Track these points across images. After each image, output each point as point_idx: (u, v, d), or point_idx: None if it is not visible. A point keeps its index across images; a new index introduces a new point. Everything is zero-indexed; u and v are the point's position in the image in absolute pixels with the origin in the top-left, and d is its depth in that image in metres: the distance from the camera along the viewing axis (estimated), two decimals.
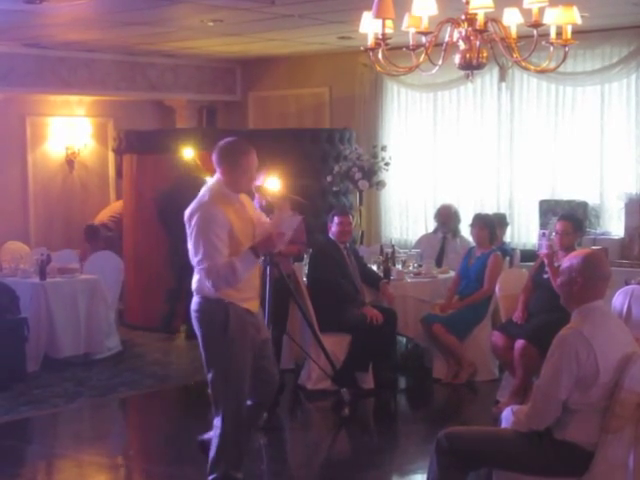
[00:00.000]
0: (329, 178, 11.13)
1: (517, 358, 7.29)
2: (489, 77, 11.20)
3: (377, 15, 5.39)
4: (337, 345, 8.19)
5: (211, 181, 5.46)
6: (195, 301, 5.39)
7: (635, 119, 10.34)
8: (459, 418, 7.79)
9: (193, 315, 5.42)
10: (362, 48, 5.83)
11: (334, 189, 11.28)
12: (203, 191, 5.37)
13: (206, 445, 5.67)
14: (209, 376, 5.43)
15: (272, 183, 7.67)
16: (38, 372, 8.91)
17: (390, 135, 12.22)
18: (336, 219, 8.47)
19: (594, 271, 4.32)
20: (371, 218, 12.25)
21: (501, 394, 7.68)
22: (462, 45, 5.60)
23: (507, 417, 4.64)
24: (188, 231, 5.26)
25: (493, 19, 5.53)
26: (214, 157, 5.43)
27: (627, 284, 7.31)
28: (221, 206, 5.23)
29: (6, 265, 9.79)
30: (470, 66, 5.65)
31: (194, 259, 5.23)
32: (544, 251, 7.43)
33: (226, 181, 5.35)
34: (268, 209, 6.02)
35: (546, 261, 7.39)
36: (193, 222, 5.20)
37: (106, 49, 11.81)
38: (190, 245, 5.25)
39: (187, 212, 5.29)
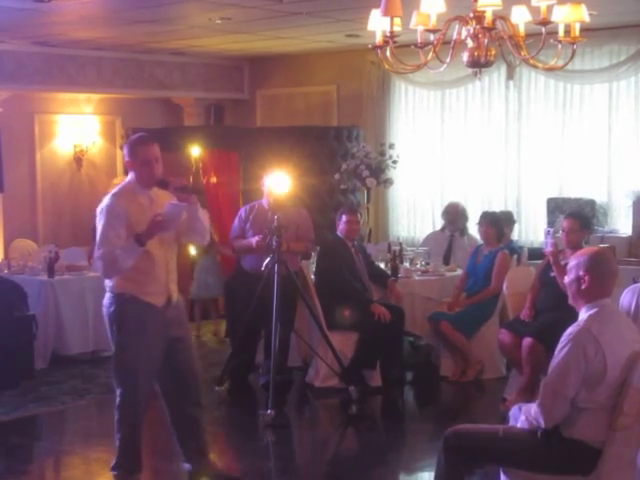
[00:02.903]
0: (337, 176, 11.15)
1: (524, 356, 7.29)
2: (497, 75, 11.19)
3: (385, 13, 5.40)
4: (345, 343, 8.19)
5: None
6: (105, 296, 5.54)
7: None
8: (466, 416, 7.78)
9: (103, 310, 5.57)
10: (370, 46, 5.84)
11: (342, 187, 11.29)
12: (116, 187, 5.60)
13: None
14: (113, 366, 5.61)
15: (278, 181, 7.71)
16: (46, 369, 8.93)
17: (398, 133, 12.22)
18: (344, 217, 8.47)
19: (601, 269, 4.31)
20: (379, 216, 12.25)
21: (508, 392, 7.68)
22: (470, 43, 5.60)
23: (515, 415, 4.64)
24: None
25: (501, 17, 5.54)
26: (124, 153, 5.68)
27: (635, 282, 7.29)
28: (123, 199, 5.40)
29: (14, 262, 9.81)
30: (478, 64, 5.65)
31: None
32: (549, 249, 7.43)
33: (133, 176, 5.55)
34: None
35: (551, 259, 7.39)
36: (97, 213, 5.42)
37: (114, 47, 11.83)
38: None
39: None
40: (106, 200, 5.42)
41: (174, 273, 5.62)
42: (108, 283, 5.48)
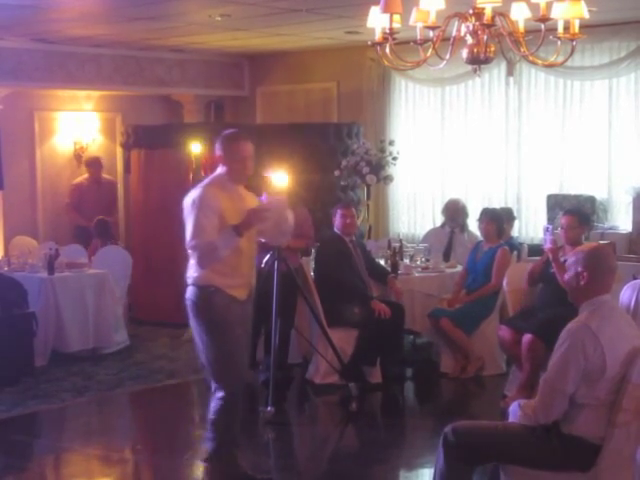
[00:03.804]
0: (337, 173, 11.14)
1: (524, 352, 7.29)
2: (497, 71, 11.18)
3: (385, 10, 5.40)
4: (345, 339, 8.19)
5: (217, 170, 5.65)
6: (188, 290, 5.56)
7: None
8: (466, 412, 7.78)
9: (187, 303, 5.59)
10: (369, 43, 5.84)
11: (342, 183, 11.29)
12: (205, 180, 5.63)
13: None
14: (207, 361, 5.66)
15: (279, 177, 7.70)
16: (46, 367, 8.93)
17: (398, 129, 12.21)
18: (339, 211, 8.48)
19: (600, 265, 4.32)
20: (379, 212, 12.24)
21: (508, 388, 7.69)
22: (470, 39, 5.60)
23: (514, 411, 4.64)
24: (184, 214, 5.46)
25: (501, 13, 5.53)
26: (216, 148, 5.65)
27: (635, 278, 7.29)
28: (216, 191, 5.44)
29: (14, 260, 9.81)
30: (478, 60, 5.64)
31: (186, 241, 5.41)
32: (548, 246, 7.43)
33: (224, 170, 5.56)
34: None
35: (550, 256, 7.39)
36: (187, 204, 5.43)
37: (114, 44, 11.82)
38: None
39: (186, 198, 5.50)
40: (197, 191, 5.44)
41: (254, 268, 5.77)
42: (193, 275, 5.51)
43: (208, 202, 5.37)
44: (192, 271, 5.52)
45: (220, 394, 5.59)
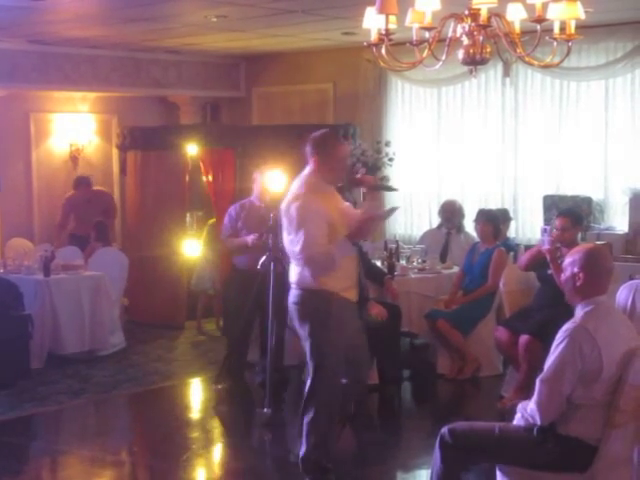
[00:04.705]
0: None
1: (521, 353, 7.29)
2: (493, 72, 11.18)
3: (380, 10, 5.39)
4: None
5: (304, 173, 5.56)
6: (295, 293, 5.51)
7: None
8: (463, 413, 7.77)
9: (293, 307, 5.55)
10: (365, 43, 5.84)
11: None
12: (297, 183, 5.51)
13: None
14: (311, 364, 5.62)
15: (276, 178, 7.69)
16: (42, 369, 8.91)
17: (394, 131, 12.20)
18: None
19: (596, 266, 4.31)
20: None
21: (505, 389, 7.68)
22: (466, 40, 5.60)
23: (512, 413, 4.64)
24: (285, 223, 5.40)
25: (496, 14, 5.53)
26: (308, 148, 5.57)
27: (631, 279, 7.29)
28: (317, 196, 5.37)
29: (10, 262, 9.79)
30: (474, 61, 5.65)
31: (293, 250, 5.35)
32: (546, 247, 7.42)
33: (320, 171, 5.48)
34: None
35: (548, 257, 7.38)
36: (292, 213, 5.33)
37: (110, 46, 11.81)
38: (287, 236, 5.39)
39: (284, 205, 5.44)
40: (299, 200, 5.36)
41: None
42: (300, 280, 5.46)
43: (315, 211, 5.31)
44: (301, 276, 5.45)
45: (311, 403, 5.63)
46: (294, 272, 5.51)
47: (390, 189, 5.85)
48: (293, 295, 5.53)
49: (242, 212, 8.14)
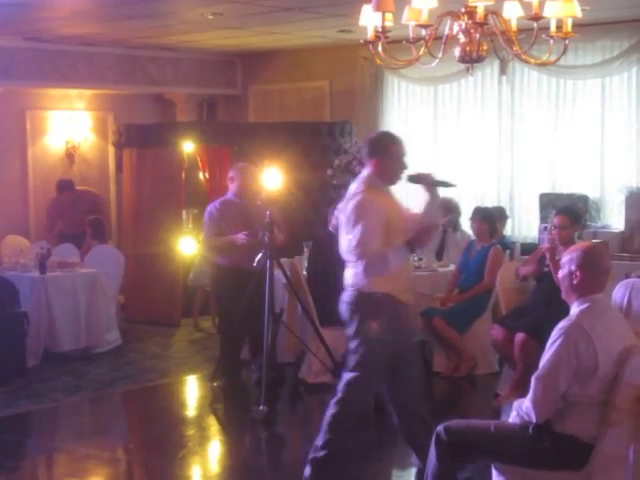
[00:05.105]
0: (329, 172, 11.13)
1: (517, 351, 7.29)
2: (489, 70, 11.17)
3: (377, 8, 5.39)
4: (337, 339, 8.14)
5: (363, 174, 5.57)
6: (349, 293, 5.51)
7: (636, 112, 10.32)
8: (459, 411, 7.77)
9: (345, 306, 5.55)
10: (362, 41, 5.83)
11: (334, 182, 11.27)
12: (356, 184, 5.52)
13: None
14: (351, 363, 5.54)
15: (272, 176, 7.69)
16: (38, 366, 8.91)
17: (390, 128, 12.13)
18: (337, 213, 8.43)
19: (593, 264, 4.31)
20: None
21: (501, 387, 7.68)
22: (462, 38, 5.60)
23: (508, 410, 4.64)
24: (343, 222, 5.42)
25: (493, 12, 5.53)
26: (364, 150, 5.63)
27: (627, 277, 7.30)
28: (375, 196, 5.38)
29: (6, 259, 9.78)
30: (470, 59, 5.65)
31: (349, 246, 5.34)
32: (546, 245, 7.43)
33: (377, 172, 5.50)
34: None
35: (548, 255, 7.38)
36: (349, 210, 5.36)
37: (106, 43, 11.79)
38: (345, 236, 5.38)
39: (342, 205, 5.49)
40: (358, 197, 5.37)
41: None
42: (356, 281, 5.46)
43: (373, 209, 5.31)
44: (357, 277, 5.45)
45: (339, 396, 5.61)
46: (349, 274, 5.51)
47: (448, 185, 5.82)
48: (346, 295, 5.54)
49: (224, 210, 8.00)
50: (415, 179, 5.57)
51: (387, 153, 5.50)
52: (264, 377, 7.28)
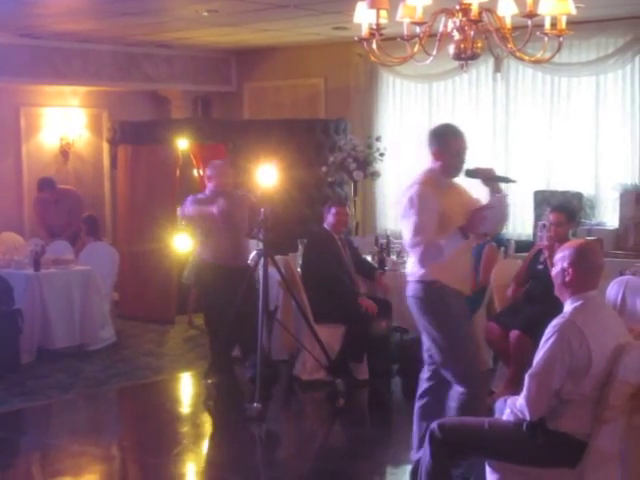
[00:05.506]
0: (324, 169, 11.13)
1: (512, 348, 7.29)
2: (484, 67, 11.18)
3: (371, 5, 5.40)
4: (332, 336, 8.17)
5: (424, 168, 5.60)
6: (412, 287, 5.53)
7: (630, 110, 10.35)
8: None
9: (411, 300, 5.55)
10: (356, 38, 5.83)
11: (329, 180, 11.29)
12: (416, 175, 5.54)
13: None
14: (441, 356, 5.52)
15: (267, 173, 7.67)
16: (32, 363, 8.89)
17: (385, 126, 12.21)
18: (333, 209, 8.45)
19: (586, 262, 4.31)
20: (366, 209, 12.23)
21: (495, 384, 7.68)
22: (457, 35, 5.61)
23: (500, 407, 4.64)
24: (401, 213, 5.47)
25: (488, 9, 5.54)
26: (427, 142, 5.61)
27: (622, 274, 7.31)
28: (432, 188, 5.39)
29: (0, 256, 9.76)
30: (465, 56, 5.66)
31: (405, 238, 5.40)
32: (544, 242, 7.43)
33: (436, 164, 5.53)
34: None
35: (546, 253, 7.38)
36: (404, 201, 5.38)
37: (101, 40, 11.79)
38: (403, 228, 5.44)
39: (400, 196, 5.51)
40: (414, 189, 5.39)
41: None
42: (416, 272, 5.46)
43: (426, 200, 5.31)
44: (416, 268, 5.46)
45: (461, 389, 5.48)
46: (410, 264, 5.56)
47: (507, 180, 5.83)
48: (410, 289, 5.54)
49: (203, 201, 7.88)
50: (472, 174, 5.59)
51: (446, 146, 5.53)
52: (258, 374, 7.27)
